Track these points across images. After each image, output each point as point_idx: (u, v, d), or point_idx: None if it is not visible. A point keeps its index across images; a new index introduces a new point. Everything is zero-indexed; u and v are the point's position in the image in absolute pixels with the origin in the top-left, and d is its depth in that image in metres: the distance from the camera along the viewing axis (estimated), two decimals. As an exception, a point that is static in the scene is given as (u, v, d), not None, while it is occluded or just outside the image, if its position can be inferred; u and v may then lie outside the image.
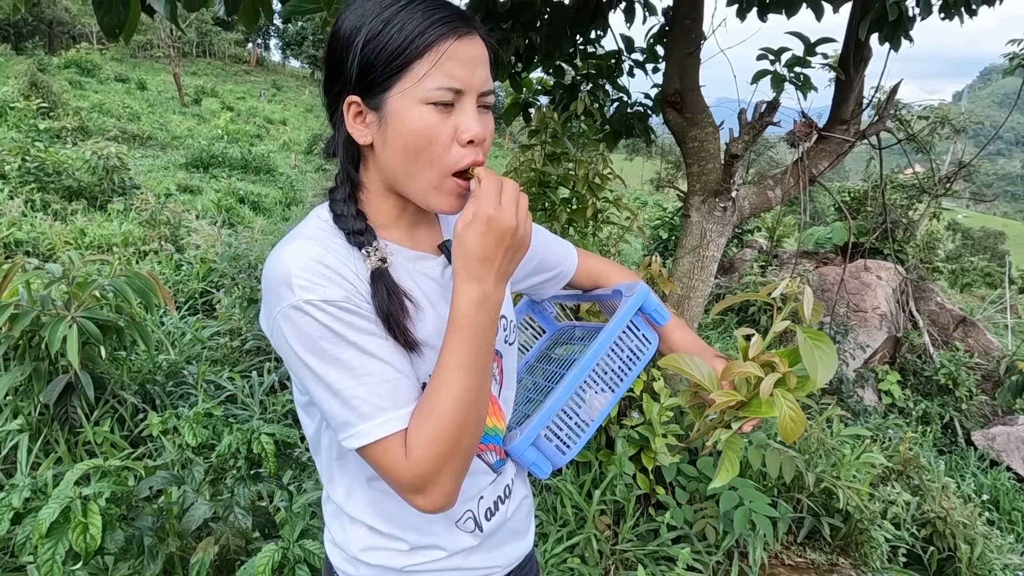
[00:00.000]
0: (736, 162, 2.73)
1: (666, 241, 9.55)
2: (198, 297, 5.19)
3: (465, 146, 0.81)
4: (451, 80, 0.78)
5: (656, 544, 2.63)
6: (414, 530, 0.93)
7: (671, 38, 3.04)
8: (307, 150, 23.04)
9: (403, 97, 0.79)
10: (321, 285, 0.77)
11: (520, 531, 1.08)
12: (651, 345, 1.06)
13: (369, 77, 0.80)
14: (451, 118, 0.80)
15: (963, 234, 27.78)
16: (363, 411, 0.78)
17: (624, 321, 1.01)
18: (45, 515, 1.46)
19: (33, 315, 2.48)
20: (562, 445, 1.00)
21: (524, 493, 1.09)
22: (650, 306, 1.04)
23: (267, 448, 1.69)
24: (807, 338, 0.89)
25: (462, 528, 0.96)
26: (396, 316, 0.81)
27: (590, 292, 1.22)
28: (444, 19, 0.78)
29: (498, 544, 1.02)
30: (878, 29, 2.67)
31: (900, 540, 3.19)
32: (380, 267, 0.83)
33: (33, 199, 7.89)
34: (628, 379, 1.04)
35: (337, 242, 0.84)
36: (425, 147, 0.80)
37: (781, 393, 0.90)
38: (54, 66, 26.64)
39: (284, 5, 1.73)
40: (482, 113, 0.83)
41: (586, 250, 1.23)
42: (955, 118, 9.82)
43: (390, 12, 0.79)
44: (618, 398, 1.04)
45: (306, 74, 55.63)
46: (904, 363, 8.08)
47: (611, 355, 1.02)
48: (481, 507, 0.98)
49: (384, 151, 0.83)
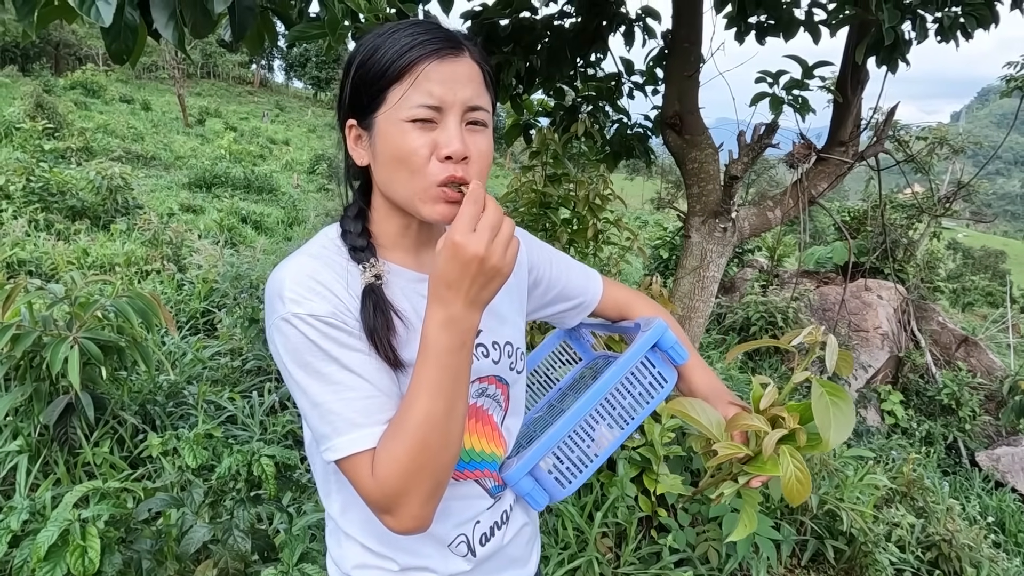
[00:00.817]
0: (736, 183, 2.74)
1: (666, 261, 9.56)
2: (199, 317, 5.19)
3: (443, 161, 0.82)
4: (429, 98, 0.80)
5: (658, 567, 2.60)
6: (405, 551, 0.93)
7: (671, 61, 3.08)
8: (309, 170, 23.16)
9: (387, 117, 0.82)
10: (310, 300, 0.80)
11: (519, 559, 1.06)
12: (667, 384, 1.02)
13: (360, 101, 0.84)
14: (432, 134, 0.81)
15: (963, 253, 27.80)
16: (338, 425, 0.79)
17: (636, 357, 0.98)
18: (44, 538, 1.45)
19: (35, 336, 2.48)
20: (562, 478, 0.97)
21: (524, 520, 1.07)
22: (667, 343, 1.00)
23: (267, 470, 1.68)
24: (823, 392, 0.83)
25: (455, 552, 0.96)
26: (380, 332, 0.82)
27: (616, 324, 1.20)
28: (424, 42, 0.81)
29: (494, 570, 1.01)
30: (875, 53, 2.71)
31: (905, 563, 3.16)
32: (373, 283, 0.85)
33: (37, 219, 7.93)
34: (639, 417, 1.00)
35: (338, 260, 0.87)
36: (405, 162, 0.82)
37: (788, 451, 0.84)
38: (60, 87, 26.91)
39: (289, 31, 1.76)
40: (472, 131, 0.84)
41: (613, 280, 1.22)
42: (953, 138, 9.89)
43: (380, 40, 0.83)
44: (626, 436, 1.00)
45: (309, 95, 56.18)
46: (906, 383, 8.05)
47: (622, 390, 0.98)
48: (476, 532, 0.97)
49: (376, 168, 0.87)
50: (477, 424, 0.98)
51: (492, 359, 0.98)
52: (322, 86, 53.90)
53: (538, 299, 1.12)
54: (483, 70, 0.86)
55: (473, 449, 0.96)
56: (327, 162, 23.43)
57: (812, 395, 0.83)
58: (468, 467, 0.96)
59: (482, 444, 0.98)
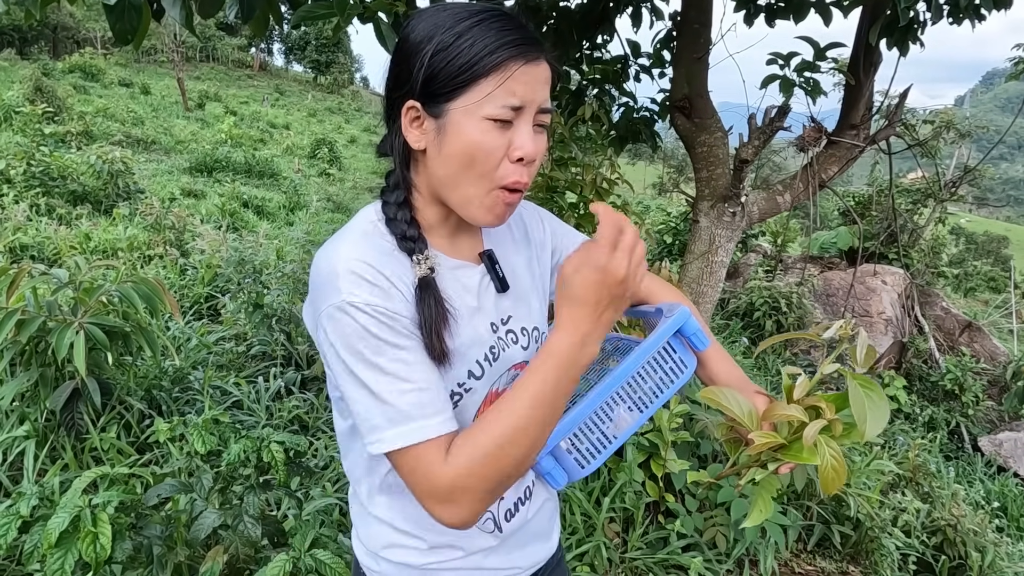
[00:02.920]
0: (746, 167, 2.71)
1: (670, 246, 9.52)
2: (203, 302, 5.18)
3: (515, 163, 0.82)
4: (513, 99, 0.80)
5: (666, 552, 2.60)
6: (433, 530, 0.95)
7: (680, 43, 3.04)
8: (310, 155, 23.06)
9: (465, 111, 0.80)
10: (366, 288, 0.79)
11: (543, 533, 1.08)
12: (687, 370, 1.02)
13: (433, 86, 0.81)
14: (506, 135, 0.81)
15: (967, 238, 27.71)
16: (392, 417, 0.78)
17: (659, 342, 0.98)
18: (54, 525, 1.44)
19: (40, 321, 2.47)
20: (581, 458, 0.98)
21: (546, 496, 1.09)
22: (689, 329, 1.00)
23: (277, 457, 1.67)
24: (858, 384, 0.84)
25: (482, 528, 0.97)
26: (438, 326, 0.82)
27: (634, 307, 1.20)
28: (515, 42, 0.80)
29: (519, 545, 1.03)
30: (888, 34, 2.66)
31: (910, 548, 3.16)
32: (428, 276, 0.84)
33: (38, 203, 7.89)
34: (659, 401, 1.00)
35: (385, 245, 0.86)
36: (480, 160, 0.81)
37: (824, 440, 0.86)
38: (58, 71, 26.73)
39: (295, 11, 1.72)
40: (537, 132, 0.85)
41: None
42: (960, 122, 9.80)
43: (463, 26, 0.80)
44: (645, 419, 1.01)
45: (309, 79, 55.79)
46: (910, 368, 8.05)
47: (644, 375, 0.98)
48: (501, 508, 0.99)
49: (437, 158, 0.84)
50: None
51: (522, 345, 0.98)
52: (322, 70, 53.51)
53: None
54: (554, 73, 0.86)
55: None
56: (327, 147, 23.33)
57: (849, 387, 0.85)
58: None
59: None
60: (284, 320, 4.02)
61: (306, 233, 5.17)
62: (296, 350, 3.97)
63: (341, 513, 2.56)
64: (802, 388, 0.91)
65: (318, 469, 2.83)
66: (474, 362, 0.90)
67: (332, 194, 16.31)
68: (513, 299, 0.98)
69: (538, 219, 1.10)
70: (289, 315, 4.03)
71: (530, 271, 1.04)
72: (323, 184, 18.30)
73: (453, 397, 0.88)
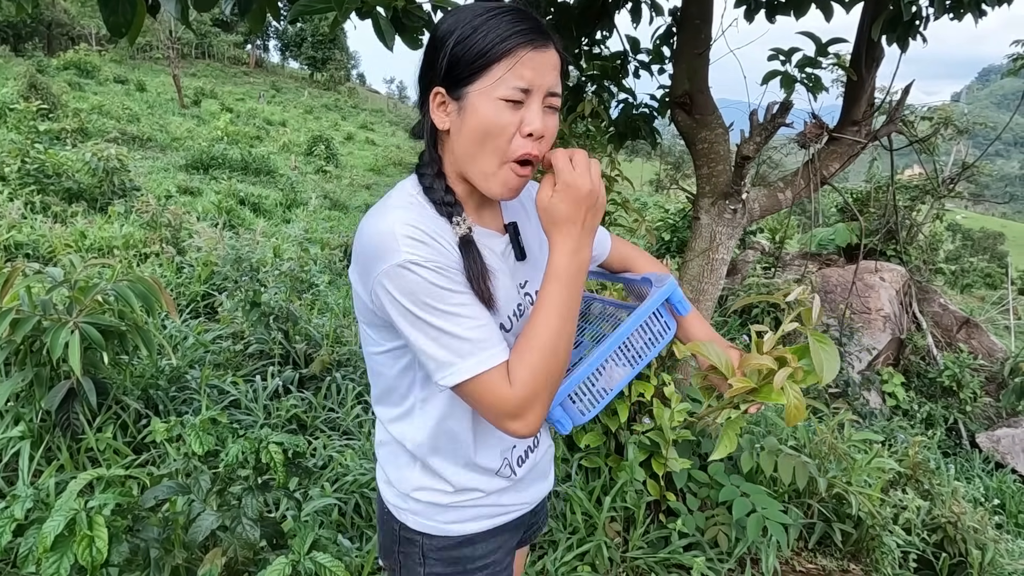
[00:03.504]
0: (747, 164, 2.69)
1: (668, 243, 9.50)
2: (200, 300, 5.15)
3: (525, 138, 0.94)
4: (522, 81, 0.92)
5: (667, 551, 2.59)
6: (459, 475, 1.10)
7: (680, 39, 3.01)
8: (307, 151, 22.97)
9: (481, 93, 0.93)
10: (422, 248, 0.90)
11: (544, 473, 1.28)
12: (671, 331, 1.20)
13: (455, 73, 0.94)
14: (518, 113, 0.93)
15: (963, 235, 27.76)
16: (462, 350, 0.91)
17: (653, 307, 1.15)
18: (49, 528, 1.42)
19: (35, 320, 2.44)
20: (584, 407, 1.14)
21: (548, 444, 1.29)
22: (676, 297, 1.19)
23: (276, 458, 1.65)
24: (815, 339, 1.05)
25: (500, 475, 1.14)
26: (483, 277, 0.96)
27: (619, 274, 1.37)
28: (523, 31, 0.92)
29: (528, 485, 1.22)
30: (890, 29, 2.64)
31: (911, 546, 3.15)
32: (468, 234, 0.97)
33: (33, 201, 7.84)
34: (647, 357, 1.18)
35: (426, 212, 0.98)
36: (494, 135, 0.93)
37: (789, 384, 1.04)
38: (53, 68, 26.58)
39: (293, 6, 1.69)
40: (547, 113, 0.97)
41: (620, 237, 1.39)
42: (957, 119, 9.79)
43: (480, 20, 0.93)
44: (636, 373, 1.18)
45: (305, 75, 55.60)
46: (908, 365, 8.05)
47: (637, 335, 1.16)
48: (515, 455, 1.16)
49: (458, 136, 0.96)
50: None
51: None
52: (318, 66, 53.33)
53: None
54: (563, 60, 0.98)
55: None
56: (324, 144, 23.25)
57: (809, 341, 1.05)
58: None
59: None
60: (282, 318, 4.00)
61: (303, 231, 5.13)
62: (294, 348, 3.94)
63: (340, 513, 2.54)
64: (770, 342, 1.10)
65: (317, 469, 2.81)
66: (506, 316, 1.04)
67: (329, 191, 16.26)
68: (530, 266, 1.13)
69: None
70: (287, 313, 4.00)
71: (540, 243, 1.16)
72: (320, 181, 18.24)
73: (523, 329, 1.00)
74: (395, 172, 24.61)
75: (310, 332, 4.24)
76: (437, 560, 1.14)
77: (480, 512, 1.14)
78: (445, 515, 1.12)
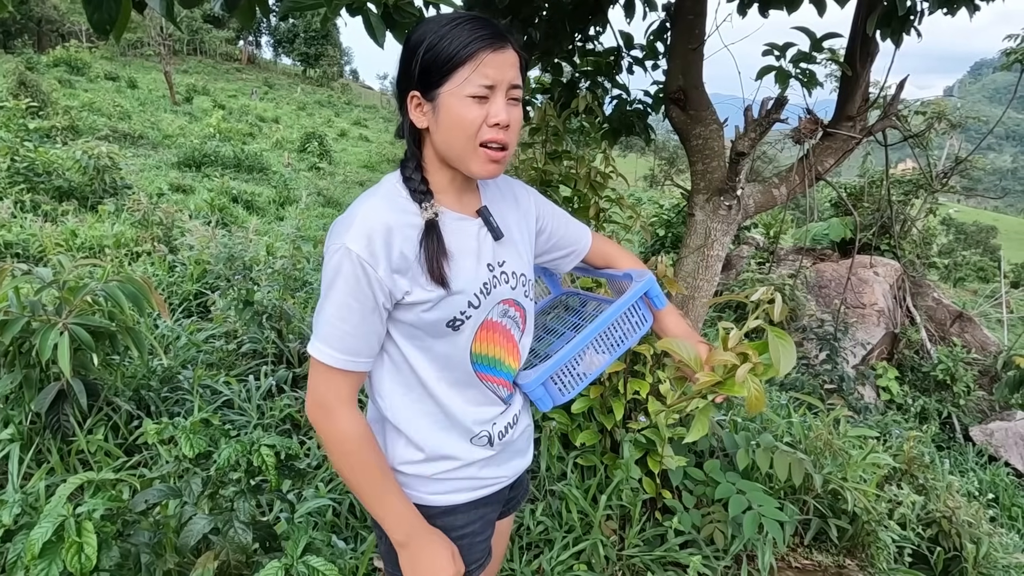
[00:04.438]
0: (742, 160, 2.68)
1: (663, 239, 9.50)
2: (193, 299, 5.11)
3: (492, 127, 1.08)
4: (486, 79, 1.05)
5: (663, 549, 2.58)
6: (432, 439, 1.21)
7: (674, 34, 2.99)
8: (300, 148, 22.86)
9: (451, 93, 1.06)
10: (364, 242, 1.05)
11: (523, 450, 1.39)
12: (647, 323, 1.33)
13: (427, 77, 1.07)
14: (485, 107, 1.07)
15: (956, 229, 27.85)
16: (320, 334, 1.10)
17: (631, 300, 1.28)
18: (37, 535, 1.39)
19: (23, 322, 2.41)
20: (563, 388, 1.26)
21: (527, 422, 1.39)
22: (653, 292, 1.31)
23: (268, 461, 1.63)
24: (774, 335, 1.15)
25: (477, 443, 1.25)
26: (439, 258, 1.09)
27: (602, 270, 1.48)
28: (483, 36, 1.05)
29: (506, 460, 1.33)
30: (885, 24, 2.63)
31: (906, 540, 3.16)
32: (432, 219, 1.11)
33: (23, 200, 7.77)
34: (624, 346, 1.30)
35: (400, 201, 1.12)
36: (465, 127, 1.07)
37: (750, 377, 1.16)
38: (43, 64, 26.36)
39: (283, 1, 1.66)
40: (511, 104, 1.10)
41: (602, 235, 1.49)
42: (950, 113, 9.81)
43: (445, 29, 1.06)
44: (613, 360, 1.31)
45: (298, 71, 55.33)
46: (902, 359, 8.08)
47: (616, 325, 1.28)
48: (495, 429, 1.27)
49: (436, 132, 1.11)
50: (502, 339, 1.23)
51: (510, 285, 1.23)
52: (311, 62, 53.06)
53: (541, 245, 1.39)
54: (521, 58, 1.11)
55: (500, 360, 1.24)
56: (318, 140, 23.14)
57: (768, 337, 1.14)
58: (492, 373, 1.24)
59: (506, 357, 1.25)
60: (275, 317, 3.97)
61: (296, 228, 5.10)
62: (287, 347, 3.91)
63: (335, 514, 2.52)
64: (734, 338, 1.20)
65: (311, 469, 2.79)
66: (472, 294, 1.15)
67: (322, 188, 16.18)
68: (507, 247, 1.24)
69: (525, 191, 1.37)
70: (280, 312, 3.97)
71: (519, 228, 1.29)
72: (313, 178, 18.16)
73: (455, 322, 1.14)
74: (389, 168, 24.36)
75: (304, 331, 4.22)
76: None
77: (460, 484, 1.25)
78: (428, 486, 1.23)
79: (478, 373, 1.21)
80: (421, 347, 1.17)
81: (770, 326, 1.15)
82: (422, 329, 1.14)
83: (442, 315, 1.12)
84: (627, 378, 2.65)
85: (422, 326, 1.13)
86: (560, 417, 2.77)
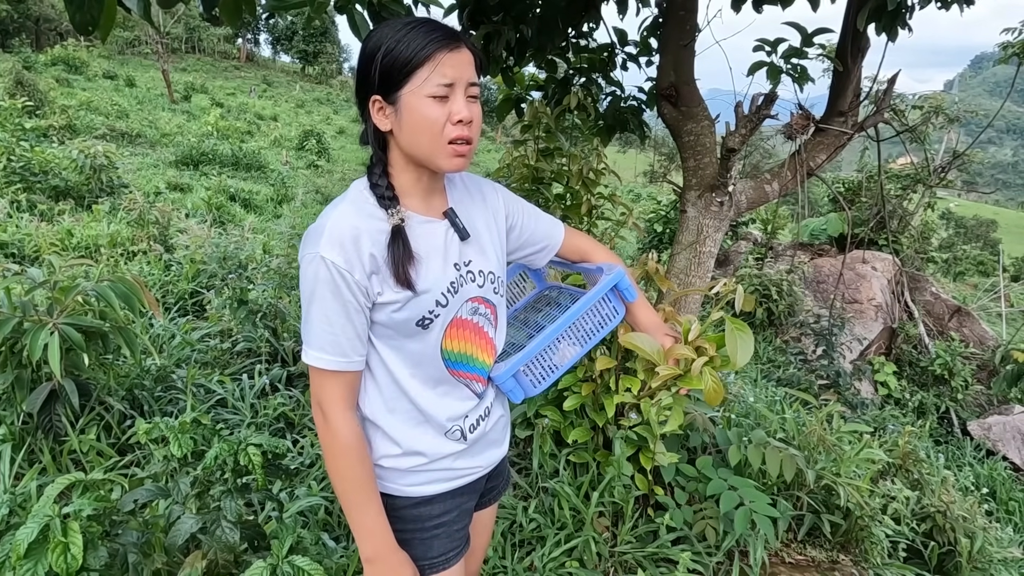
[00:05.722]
0: (733, 156, 2.67)
1: (661, 235, 9.50)
2: (188, 298, 5.11)
3: (455, 124, 1.11)
4: (444, 78, 1.08)
5: (655, 546, 2.58)
6: (408, 435, 1.25)
7: (666, 30, 2.98)
8: (298, 146, 22.84)
9: (412, 94, 1.09)
10: (338, 250, 1.08)
11: (497, 441, 1.42)
12: (619, 315, 1.36)
13: (387, 81, 1.10)
14: (446, 106, 1.10)
15: (956, 223, 27.82)
16: (311, 340, 1.14)
17: (600, 293, 1.31)
18: (23, 536, 1.40)
19: (14, 322, 2.41)
20: (535, 380, 1.29)
21: (501, 413, 1.42)
22: (623, 285, 1.34)
23: (254, 460, 1.63)
24: (732, 327, 1.16)
25: (450, 438, 1.29)
26: (404, 263, 1.12)
27: (577, 264, 1.52)
28: (438, 37, 1.08)
29: (480, 451, 1.36)
30: (876, 19, 2.62)
31: (900, 535, 3.16)
32: (399, 224, 1.13)
33: (19, 200, 7.76)
34: (596, 338, 1.33)
35: (367, 207, 1.15)
36: (429, 126, 1.10)
37: (708, 370, 1.20)
38: (40, 63, 26.33)
39: (267, 0, 1.66)
40: (471, 101, 1.13)
41: (576, 230, 1.52)
42: (949, 107, 9.79)
43: (400, 34, 1.08)
44: (585, 352, 1.33)
45: (296, 69, 55.23)
46: (900, 354, 8.08)
47: (586, 317, 1.30)
48: (466, 423, 1.30)
49: (401, 134, 1.13)
50: (473, 335, 1.26)
51: (477, 284, 1.25)
52: (309, 60, 52.96)
53: (513, 241, 1.40)
54: (476, 56, 1.14)
55: (472, 356, 1.27)
56: (316, 138, 23.11)
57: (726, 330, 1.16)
58: (466, 369, 1.27)
59: (478, 353, 1.28)
60: (270, 316, 3.96)
61: (292, 227, 5.09)
62: (282, 346, 3.91)
63: (327, 512, 2.52)
64: (695, 332, 1.25)
65: (304, 467, 2.79)
66: (440, 294, 1.18)
67: (320, 186, 16.17)
68: (474, 247, 1.26)
69: (493, 190, 1.38)
70: (275, 311, 3.97)
71: (487, 228, 1.31)
72: (311, 176, 18.14)
73: (424, 320, 1.17)
74: (387, 166, 24.43)
75: (298, 329, 4.22)
76: (397, 518, 1.27)
77: (436, 476, 1.29)
78: (405, 479, 1.27)
79: (450, 370, 1.25)
80: (394, 346, 1.20)
81: (731, 318, 1.18)
82: (393, 328, 1.17)
83: (411, 315, 1.16)
84: (619, 375, 2.65)
85: (393, 325, 1.17)
86: (552, 414, 2.77)
